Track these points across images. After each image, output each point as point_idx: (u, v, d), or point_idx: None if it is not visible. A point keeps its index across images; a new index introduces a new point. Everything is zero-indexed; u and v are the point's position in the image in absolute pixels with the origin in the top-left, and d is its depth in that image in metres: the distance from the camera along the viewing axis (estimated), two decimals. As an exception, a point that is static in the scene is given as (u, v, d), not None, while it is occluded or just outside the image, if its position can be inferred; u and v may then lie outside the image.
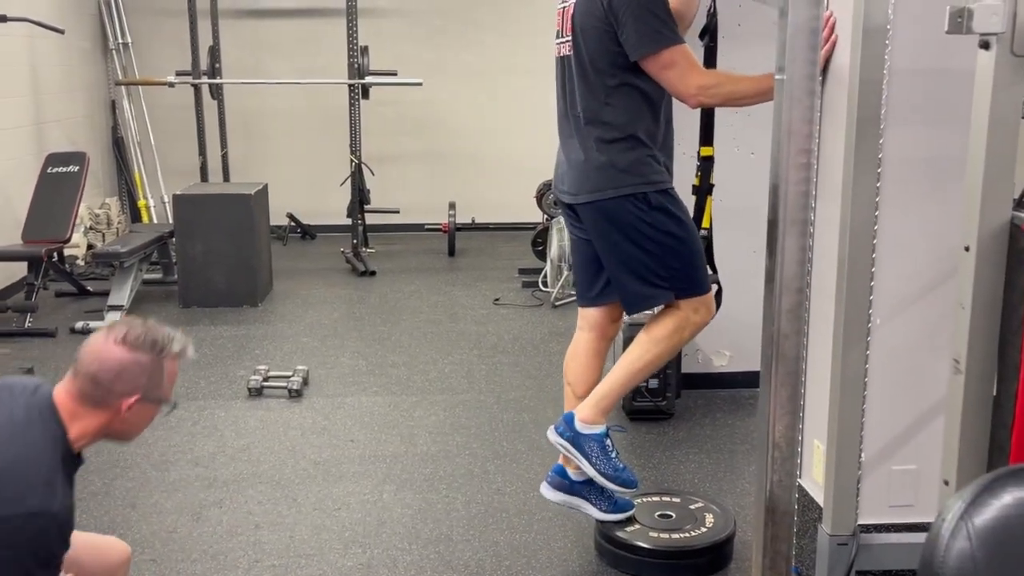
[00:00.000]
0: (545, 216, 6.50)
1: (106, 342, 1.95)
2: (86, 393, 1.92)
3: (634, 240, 2.63)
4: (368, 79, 7.23)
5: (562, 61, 2.73)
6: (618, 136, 2.60)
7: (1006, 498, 1.05)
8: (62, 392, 1.93)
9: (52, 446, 1.84)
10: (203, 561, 2.92)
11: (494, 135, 8.21)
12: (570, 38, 2.65)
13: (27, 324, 5.33)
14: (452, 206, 7.43)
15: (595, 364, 2.91)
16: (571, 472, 2.89)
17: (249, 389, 4.35)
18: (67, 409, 1.90)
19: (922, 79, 2.23)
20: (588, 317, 2.90)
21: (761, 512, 1.76)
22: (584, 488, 2.88)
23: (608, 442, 2.79)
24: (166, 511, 3.25)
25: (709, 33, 3.05)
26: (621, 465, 2.79)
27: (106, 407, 1.91)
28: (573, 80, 2.67)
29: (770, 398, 1.69)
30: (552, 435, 2.83)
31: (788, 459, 1.72)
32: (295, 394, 4.30)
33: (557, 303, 5.89)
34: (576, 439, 2.78)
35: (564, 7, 2.67)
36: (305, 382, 4.40)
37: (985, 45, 1.63)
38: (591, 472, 2.77)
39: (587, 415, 2.78)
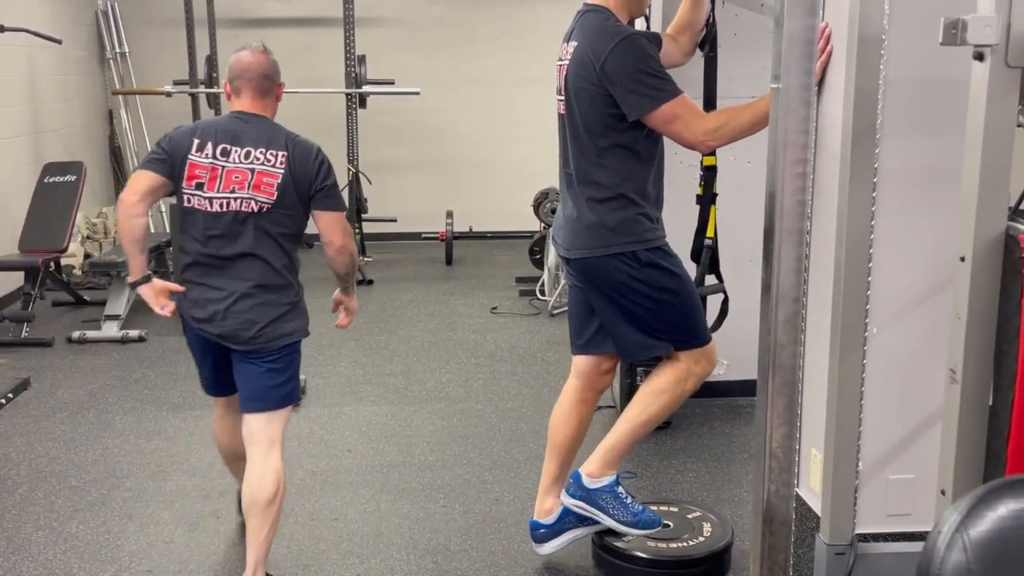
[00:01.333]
0: (542, 224, 6.50)
1: (255, 54, 2.78)
2: (262, 89, 2.77)
3: (627, 296, 2.66)
4: (365, 88, 7.25)
5: (560, 119, 2.74)
6: (608, 196, 2.61)
7: (1001, 510, 1.05)
8: (246, 103, 2.76)
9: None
10: (200, 572, 2.92)
11: (491, 144, 8.22)
12: (564, 98, 2.67)
13: (24, 334, 5.33)
14: (449, 215, 7.44)
15: (577, 413, 2.90)
16: (543, 520, 2.92)
17: (246, 399, 4.35)
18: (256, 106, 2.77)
19: (917, 89, 2.24)
20: (578, 364, 2.90)
21: (758, 522, 1.76)
22: (562, 522, 2.90)
23: (620, 490, 2.80)
24: (163, 521, 3.24)
25: (709, 43, 3.05)
26: (639, 508, 2.81)
27: (271, 95, 2.80)
28: (568, 138, 2.69)
29: (767, 408, 1.70)
30: (565, 498, 2.84)
31: (785, 468, 1.72)
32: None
33: (554, 312, 5.89)
34: (589, 496, 2.79)
35: (560, 64, 2.69)
36: (302, 391, 4.39)
37: (979, 57, 1.64)
38: (612, 524, 2.78)
39: (593, 470, 2.79)
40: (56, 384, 4.66)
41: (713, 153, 3.20)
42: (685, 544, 2.84)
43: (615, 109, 2.53)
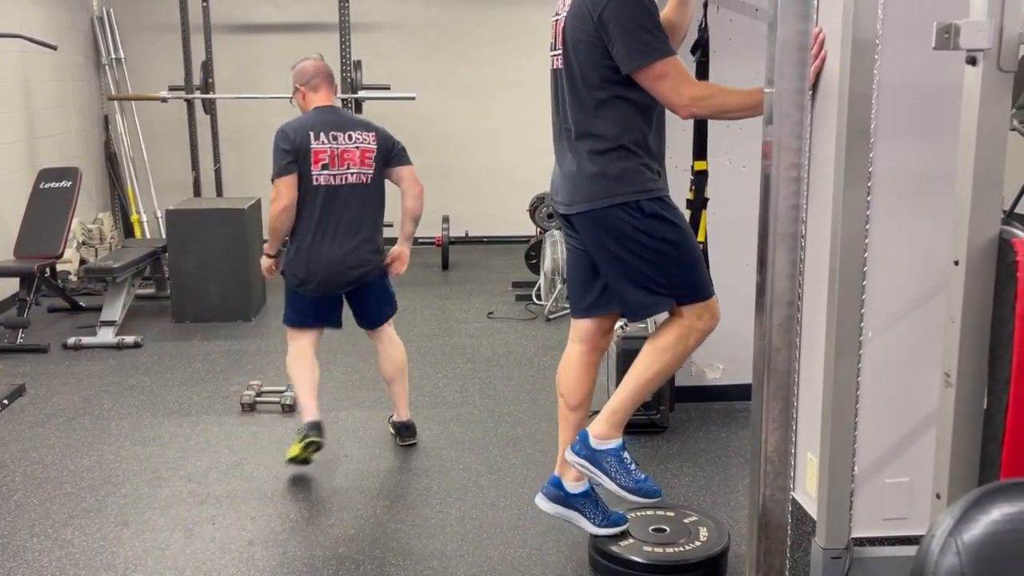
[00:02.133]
0: (539, 229, 6.51)
1: (317, 60, 3.74)
2: (332, 84, 3.76)
3: (630, 249, 2.63)
4: (361, 93, 7.25)
5: (555, 73, 2.73)
6: (609, 147, 2.60)
7: (994, 514, 1.05)
8: (324, 97, 3.73)
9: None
10: (196, 578, 2.91)
11: (487, 149, 8.23)
12: (561, 51, 2.66)
13: (19, 340, 5.32)
14: (446, 220, 7.44)
15: (587, 376, 2.91)
16: (567, 484, 2.89)
17: (242, 404, 4.34)
18: (329, 99, 3.75)
19: (911, 93, 2.24)
20: (580, 328, 2.90)
21: (754, 526, 1.76)
22: (579, 501, 2.88)
23: (626, 455, 2.79)
24: (159, 528, 3.23)
25: (701, 48, 3.07)
26: (642, 476, 2.79)
27: (334, 90, 3.78)
28: (564, 92, 2.68)
29: (762, 412, 1.70)
30: (569, 455, 2.82)
31: (780, 473, 1.72)
32: (288, 409, 4.29)
33: (551, 316, 5.89)
34: (593, 456, 2.78)
35: (557, 19, 2.69)
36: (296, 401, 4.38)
37: (972, 61, 1.64)
38: (612, 487, 2.77)
39: (601, 431, 2.78)
40: (52, 390, 4.65)
41: (704, 158, 3.21)
42: (682, 549, 2.84)
43: (612, 60, 2.53)
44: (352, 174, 3.62)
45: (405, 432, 3.95)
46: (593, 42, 2.55)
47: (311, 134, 3.57)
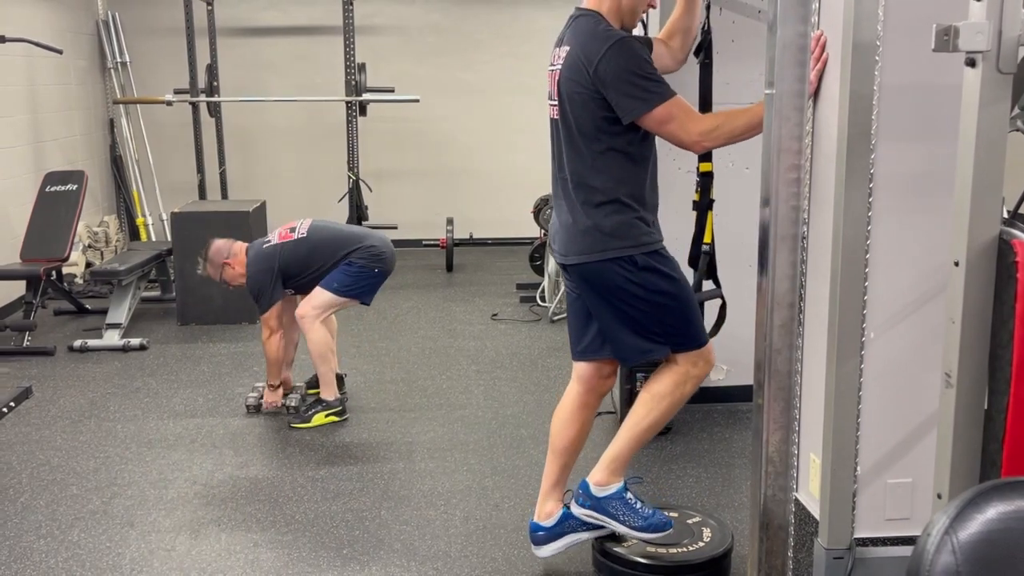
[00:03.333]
0: (542, 231, 6.51)
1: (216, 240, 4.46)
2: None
3: (624, 300, 2.66)
4: (365, 96, 7.27)
5: (553, 124, 2.74)
6: (604, 200, 2.61)
7: (990, 512, 1.06)
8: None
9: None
10: (201, 579, 2.93)
11: (491, 151, 8.25)
12: (557, 102, 2.67)
13: (25, 343, 5.34)
14: (450, 222, 7.46)
15: (579, 418, 2.90)
16: (544, 523, 2.92)
17: (247, 406, 4.36)
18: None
19: (912, 95, 2.25)
20: (579, 370, 2.91)
21: (755, 526, 1.77)
22: (562, 525, 2.90)
23: (629, 495, 2.80)
24: (164, 529, 3.25)
25: (704, 50, 3.06)
26: (649, 511, 2.81)
27: None
28: (562, 143, 2.69)
29: (763, 412, 1.71)
30: (575, 508, 2.85)
31: (782, 473, 1.73)
32: (293, 411, 4.31)
33: (555, 318, 5.91)
34: (598, 504, 2.79)
35: (552, 70, 2.69)
36: (303, 399, 4.40)
37: (971, 63, 1.65)
38: (623, 531, 2.79)
39: (601, 478, 2.80)
40: (58, 393, 4.67)
41: (710, 159, 3.21)
42: (685, 550, 2.85)
43: (608, 112, 2.54)
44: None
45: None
46: (589, 95, 2.55)
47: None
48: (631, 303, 2.65)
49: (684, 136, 2.54)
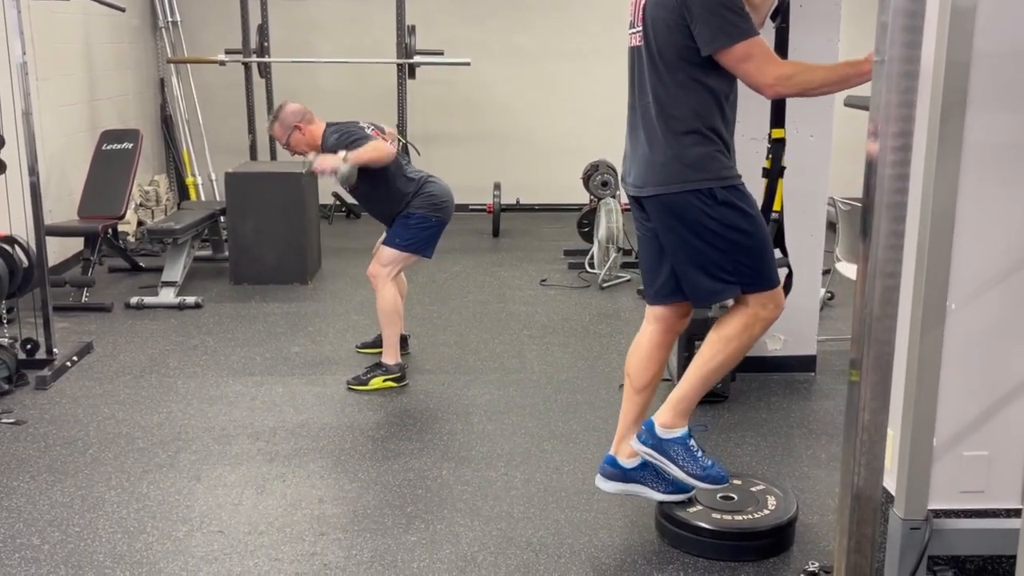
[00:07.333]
0: (592, 198, 6.49)
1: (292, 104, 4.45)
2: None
3: (700, 235, 2.63)
4: (415, 59, 7.24)
5: (633, 52, 2.71)
6: (686, 130, 2.59)
7: None
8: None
9: None
10: (269, 533, 2.98)
11: (540, 116, 8.20)
12: (641, 29, 2.64)
13: (84, 299, 5.43)
14: (497, 187, 7.45)
15: (657, 356, 2.90)
16: (623, 461, 2.91)
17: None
18: None
19: (1007, 62, 2.21)
20: (654, 311, 2.89)
21: (847, 495, 1.77)
22: (638, 473, 2.90)
23: (692, 443, 2.80)
24: (230, 484, 3.31)
25: (781, 13, 3.02)
26: (709, 463, 2.81)
27: None
28: (644, 71, 2.65)
29: (861, 383, 1.70)
30: (635, 444, 2.85)
31: (877, 443, 1.73)
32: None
33: (604, 285, 5.90)
34: (659, 445, 2.80)
35: None
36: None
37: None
38: (680, 475, 2.79)
39: (666, 420, 2.79)
40: (118, 348, 4.75)
41: (783, 125, 3.18)
42: (750, 517, 2.86)
43: (691, 42, 2.51)
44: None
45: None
46: (674, 21, 2.53)
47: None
48: (707, 239, 2.62)
49: (760, 77, 2.51)
